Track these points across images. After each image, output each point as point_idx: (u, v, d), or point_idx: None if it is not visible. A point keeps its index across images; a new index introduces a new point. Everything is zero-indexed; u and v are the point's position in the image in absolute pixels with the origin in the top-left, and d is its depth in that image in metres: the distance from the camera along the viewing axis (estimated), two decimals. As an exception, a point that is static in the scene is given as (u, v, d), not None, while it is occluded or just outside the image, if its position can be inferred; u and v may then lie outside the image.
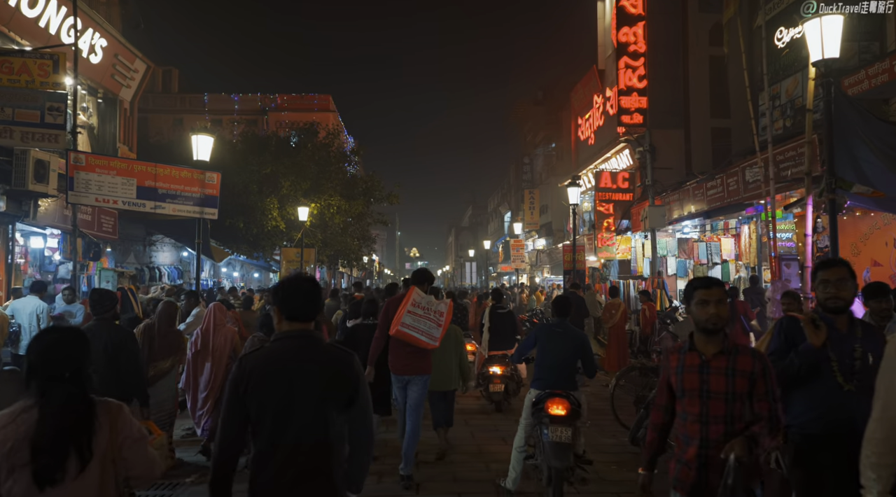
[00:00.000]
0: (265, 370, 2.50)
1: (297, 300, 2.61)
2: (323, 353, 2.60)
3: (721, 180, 15.71)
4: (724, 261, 17.63)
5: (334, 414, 2.53)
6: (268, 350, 2.59)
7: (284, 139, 25.08)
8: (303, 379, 2.49)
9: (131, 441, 2.37)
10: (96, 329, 4.89)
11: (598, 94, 28.34)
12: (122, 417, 2.38)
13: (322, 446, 2.49)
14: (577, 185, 16.92)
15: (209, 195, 11.06)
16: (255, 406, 2.47)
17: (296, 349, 2.56)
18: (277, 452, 2.45)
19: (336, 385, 2.55)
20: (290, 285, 2.67)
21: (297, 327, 2.60)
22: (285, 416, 2.46)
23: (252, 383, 2.47)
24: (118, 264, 18.83)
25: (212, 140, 10.98)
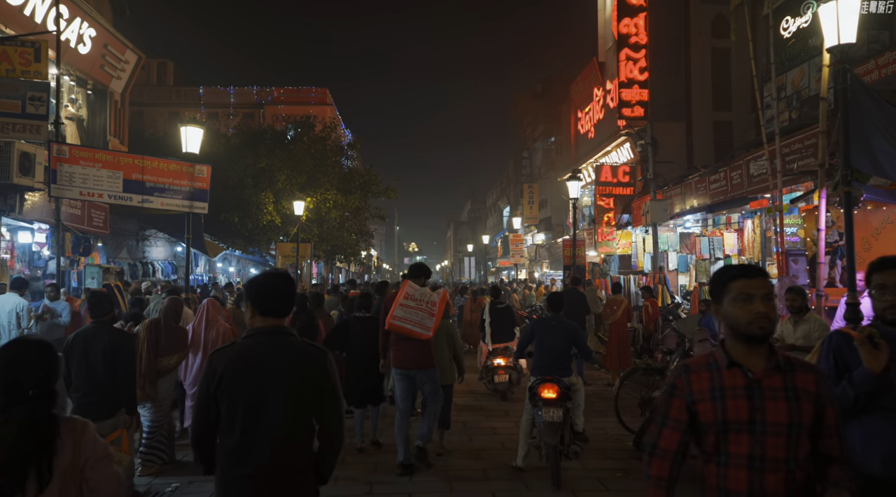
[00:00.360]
0: (236, 367, 2.51)
1: (272, 296, 2.62)
2: (294, 349, 2.60)
3: (724, 174, 15.38)
4: (726, 256, 17.33)
5: (305, 410, 2.56)
6: (239, 346, 2.59)
7: (280, 132, 24.73)
8: (273, 376, 2.50)
9: (95, 460, 2.28)
10: (95, 332, 4.86)
11: (599, 87, 27.97)
12: (86, 436, 2.29)
13: (292, 442, 2.52)
14: (577, 179, 16.60)
15: (199, 189, 10.73)
16: (226, 403, 2.49)
17: (267, 345, 2.56)
18: (248, 448, 2.46)
19: (307, 382, 2.56)
20: (264, 281, 2.69)
21: (270, 323, 2.61)
22: (256, 412, 2.47)
23: (223, 380, 2.49)
24: (110, 260, 18.50)
25: (202, 132, 10.64)
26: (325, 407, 2.62)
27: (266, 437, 2.48)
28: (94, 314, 5.02)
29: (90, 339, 4.85)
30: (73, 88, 15.26)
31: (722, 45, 22.85)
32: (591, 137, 29.48)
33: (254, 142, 23.43)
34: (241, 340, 2.64)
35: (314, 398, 2.58)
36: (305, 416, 2.58)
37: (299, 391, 2.54)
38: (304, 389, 2.56)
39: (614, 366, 10.05)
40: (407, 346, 5.86)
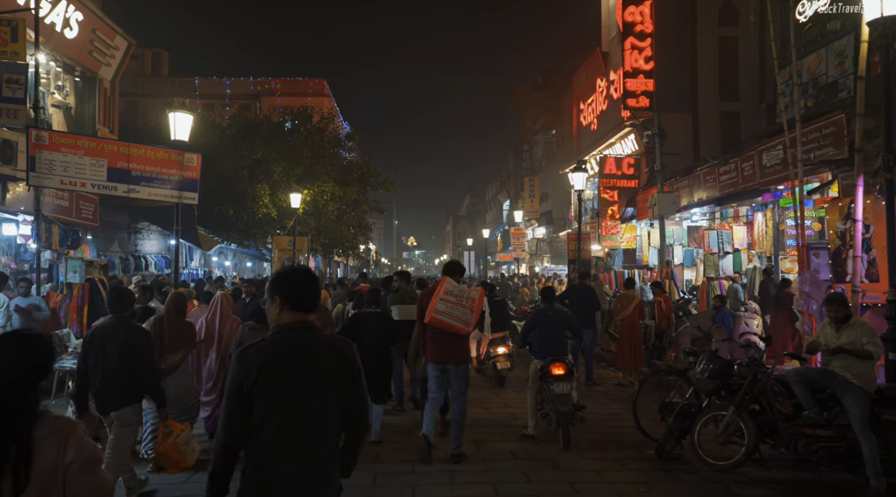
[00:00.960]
0: (273, 362, 2.46)
1: (301, 290, 2.61)
2: (324, 342, 2.60)
3: (735, 165, 14.85)
4: (735, 250, 16.84)
5: (338, 403, 2.55)
6: (270, 342, 2.53)
7: (277, 123, 24.15)
8: (309, 371, 2.49)
9: (80, 464, 2.13)
10: (113, 327, 4.85)
11: (602, 78, 27.42)
12: (73, 438, 2.14)
13: (328, 435, 2.51)
14: (582, 170, 16.08)
15: (188, 178, 10.19)
16: (262, 400, 2.43)
17: (299, 340, 2.54)
18: (284, 445, 2.43)
19: (339, 374, 2.56)
20: (293, 275, 2.67)
21: (299, 318, 2.59)
22: (293, 408, 2.44)
23: (259, 376, 2.43)
24: (100, 253, 17.97)
25: (191, 118, 10.11)
26: (354, 398, 2.61)
27: (305, 433, 2.47)
28: (114, 309, 4.97)
29: (108, 334, 4.82)
30: (60, 75, 14.69)
31: (729, 33, 22.35)
32: (594, 129, 28.95)
33: (250, 133, 22.87)
34: (270, 336, 2.57)
35: (345, 392, 2.58)
36: (338, 409, 2.57)
37: (333, 384, 2.54)
38: (337, 382, 2.56)
39: (626, 364, 9.56)
40: (443, 341, 5.97)
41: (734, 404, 5.14)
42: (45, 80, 14.34)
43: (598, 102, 28.28)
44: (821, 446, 5.00)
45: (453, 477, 5.63)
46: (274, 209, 21.46)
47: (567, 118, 35.70)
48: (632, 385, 9.73)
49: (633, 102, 21.83)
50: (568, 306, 10.19)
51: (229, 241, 22.19)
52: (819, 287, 8.86)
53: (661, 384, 6.70)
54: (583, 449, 6.35)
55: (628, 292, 9.80)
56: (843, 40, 11.60)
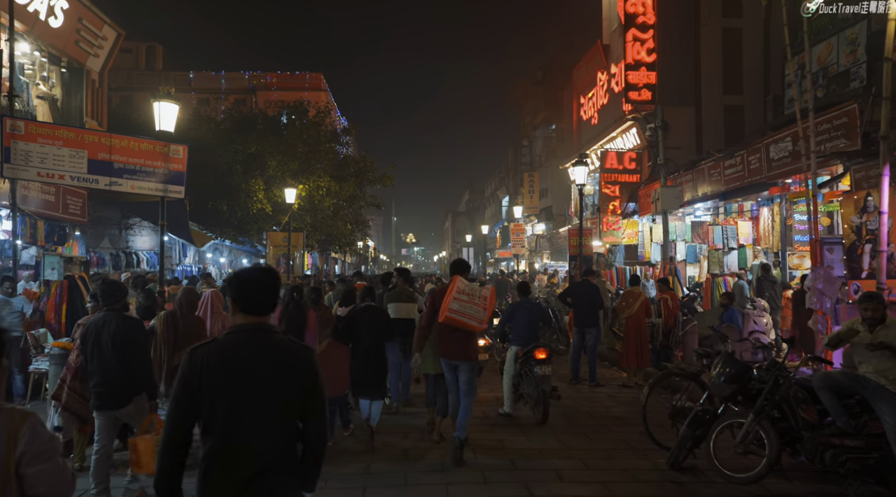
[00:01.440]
0: (218, 365, 2.39)
1: (251, 293, 2.51)
2: (279, 347, 2.48)
3: (741, 158, 14.43)
4: (740, 245, 16.46)
5: (290, 410, 2.43)
6: (221, 343, 2.46)
7: (272, 118, 23.70)
8: (257, 374, 2.40)
9: (33, 455, 2.05)
10: (105, 320, 4.85)
11: (603, 71, 26.97)
12: (25, 428, 2.07)
13: (276, 444, 2.39)
14: (583, 164, 15.66)
15: (174, 171, 9.76)
16: (207, 402, 2.36)
17: (251, 343, 2.45)
18: (230, 451, 2.34)
19: (292, 381, 2.44)
20: (244, 277, 2.59)
21: (252, 320, 2.50)
22: (238, 413, 2.35)
23: (203, 376, 2.37)
24: (89, 250, 17.55)
25: (177, 109, 9.66)
26: (310, 407, 2.48)
27: (250, 440, 2.36)
28: (105, 302, 4.99)
29: (101, 327, 4.83)
30: (46, 65, 14.23)
31: (733, 24, 21.90)
32: (595, 124, 28.50)
33: (244, 127, 22.43)
34: (223, 337, 2.48)
35: (299, 398, 2.45)
36: (290, 417, 2.45)
37: (285, 391, 2.42)
38: (290, 389, 2.43)
39: (631, 364, 9.14)
40: (454, 338, 6.07)
41: (754, 411, 4.73)
42: (31, 72, 13.90)
43: (598, 96, 27.83)
44: (849, 458, 4.59)
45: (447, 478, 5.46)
46: (268, 204, 21.02)
47: (567, 113, 35.24)
48: (637, 386, 9.33)
49: (634, 95, 21.35)
50: (571, 304, 9.81)
51: (223, 238, 21.74)
52: (833, 284, 8.46)
53: (671, 387, 6.28)
54: (589, 458, 5.94)
55: (634, 289, 9.37)
56: (856, 27, 11.19)
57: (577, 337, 9.49)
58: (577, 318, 9.45)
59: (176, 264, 22.71)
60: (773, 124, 15.43)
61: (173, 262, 22.49)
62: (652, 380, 6.01)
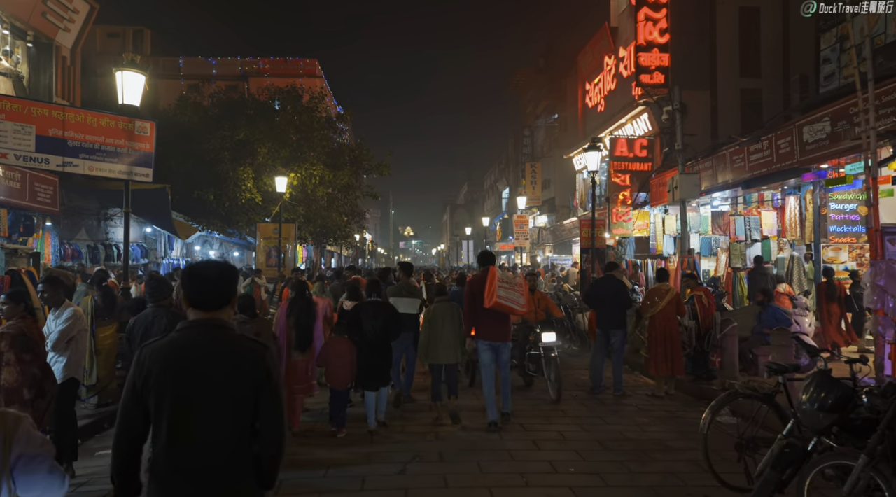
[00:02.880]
0: (165, 362, 2.32)
1: (201, 287, 2.44)
2: (230, 344, 2.41)
3: (769, 142, 13.27)
4: (764, 237, 15.30)
5: (241, 409, 2.35)
6: (170, 340, 2.38)
7: (263, 103, 22.44)
8: (204, 372, 2.33)
9: (27, 459, 2.01)
10: (155, 316, 4.85)
11: (610, 55, 25.76)
12: (18, 432, 2.03)
13: (227, 444, 2.32)
14: (595, 149, 14.48)
15: (140, 150, 8.57)
16: (154, 401, 2.30)
17: (201, 339, 2.39)
18: (178, 451, 2.28)
19: (243, 379, 2.36)
20: (193, 271, 2.51)
21: (203, 316, 2.42)
22: (185, 411, 2.30)
23: (150, 375, 2.31)
24: (63, 242, 16.35)
25: (143, 79, 8.45)
26: (264, 406, 2.37)
27: (198, 439, 2.28)
28: (153, 298, 4.99)
29: (150, 323, 4.81)
30: (8, 39, 12.97)
31: (750, 3, 20.69)
32: (601, 111, 27.31)
33: (233, 112, 21.18)
34: (174, 333, 2.39)
35: (251, 397, 2.35)
36: (242, 417, 2.34)
37: (234, 389, 2.34)
38: (240, 387, 2.34)
39: (661, 371, 7.95)
40: (495, 322, 6.72)
41: (867, 452, 3.56)
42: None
43: (605, 82, 26.63)
44: None
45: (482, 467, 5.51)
46: (258, 194, 19.82)
47: (571, 101, 34.04)
48: (668, 396, 8.17)
49: (646, 79, 20.20)
50: (593, 303, 8.65)
51: (210, 229, 20.53)
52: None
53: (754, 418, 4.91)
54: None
55: (662, 285, 8.16)
56: (908, -8, 9.96)
57: (600, 340, 8.33)
58: (601, 319, 8.28)
59: (161, 257, 21.51)
60: (807, 104, 14.23)
61: (158, 254, 21.30)
62: (715, 402, 4.81)
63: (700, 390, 8.18)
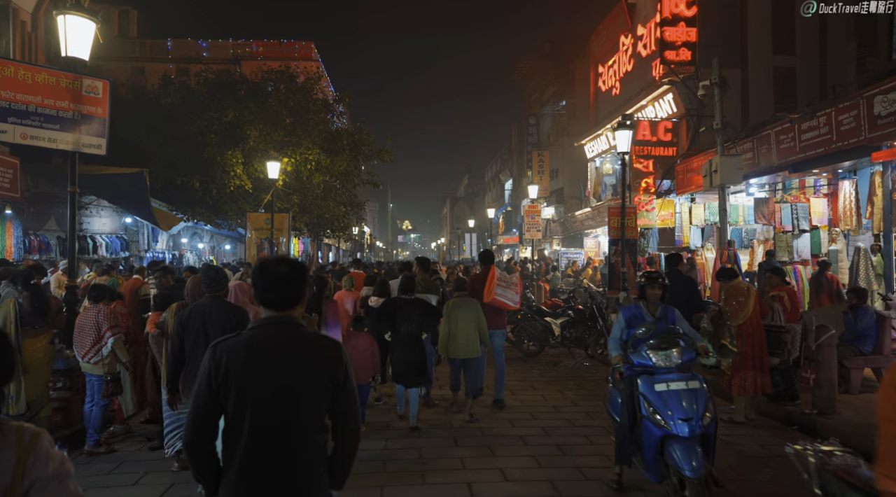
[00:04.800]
0: (246, 360, 2.29)
1: (273, 286, 2.38)
2: (307, 341, 2.40)
3: (828, 118, 11.65)
4: (813, 227, 13.68)
5: (318, 406, 2.34)
6: (245, 337, 2.35)
7: (256, 84, 20.69)
8: (283, 371, 2.31)
9: (44, 482, 1.74)
10: (212, 307, 4.77)
11: (627, 34, 24.08)
12: (35, 452, 1.75)
13: (306, 441, 2.30)
14: (627, 128, 12.83)
15: (91, 115, 6.91)
16: (234, 400, 2.26)
17: (277, 337, 2.36)
18: (254, 449, 2.25)
19: (319, 377, 2.33)
20: (262, 270, 2.43)
21: (275, 314, 2.38)
22: (266, 408, 2.27)
23: (229, 372, 2.27)
24: (28, 231, 14.68)
25: (93, 26, 6.77)
26: (340, 404, 2.37)
27: (278, 438, 2.27)
28: (210, 289, 4.91)
29: (207, 313, 4.73)
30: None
31: (785, -28, 19.06)
32: (616, 94, 25.65)
33: (222, 93, 19.45)
34: (248, 330, 2.37)
35: (329, 394, 2.35)
36: (319, 413, 2.34)
37: (311, 386, 2.32)
38: (317, 384, 2.33)
39: (746, 391, 6.26)
40: (491, 314, 7.40)
41: None
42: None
43: (621, 63, 24.95)
44: None
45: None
46: (248, 181, 18.13)
47: (580, 86, 32.35)
48: (748, 420, 6.54)
49: (671, 55, 18.52)
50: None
51: (195, 219, 18.84)
52: None
53: None
54: None
55: (739, 284, 6.47)
56: None
57: None
58: (663, 325, 6.64)
59: (144, 250, 19.83)
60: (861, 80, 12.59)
61: (141, 247, 19.63)
62: None
63: (788, 415, 6.55)
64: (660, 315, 4.78)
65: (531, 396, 7.99)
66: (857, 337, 7.28)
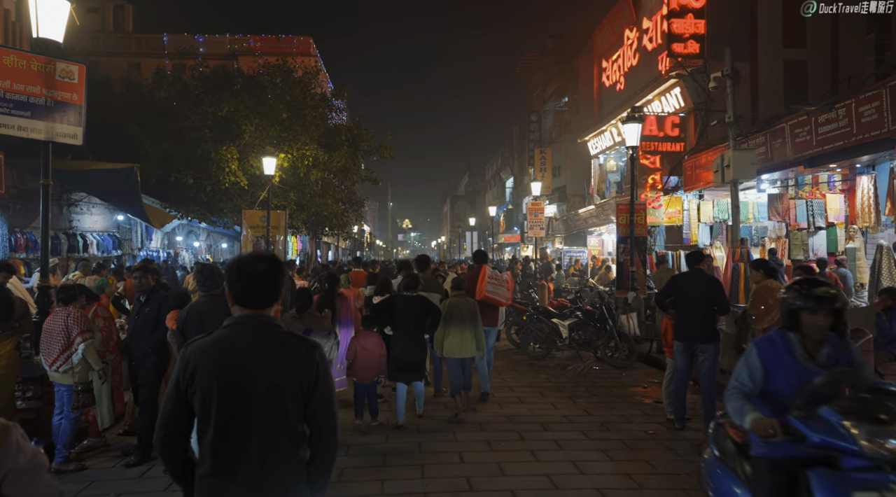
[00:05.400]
0: (211, 360, 2.21)
1: (248, 284, 2.28)
2: (279, 342, 2.28)
3: (847, 109, 11.13)
4: (829, 224, 13.18)
5: (290, 410, 2.23)
6: (214, 336, 2.27)
7: (252, 78, 20.17)
8: (254, 370, 2.21)
9: (17, 475, 1.75)
10: (209, 305, 4.67)
11: (632, 28, 23.57)
12: (7, 444, 1.76)
13: (276, 446, 2.20)
14: (636, 120, 12.33)
15: (65, 102, 6.40)
16: (200, 400, 2.20)
17: (248, 337, 2.26)
18: (224, 452, 2.18)
19: (292, 378, 2.23)
20: (238, 265, 2.33)
21: (249, 313, 2.29)
22: (232, 412, 2.19)
23: (195, 374, 2.20)
24: (14, 229, 14.16)
25: (67, 6, 6.26)
26: (315, 408, 2.26)
27: (244, 440, 2.17)
28: (205, 288, 4.82)
29: (205, 312, 4.63)
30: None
31: (796, -37, 18.54)
32: (621, 89, 25.13)
33: (216, 87, 18.93)
34: (220, 329, 2.28)
35: (300, 398, 2.24)
36: (290, 418, 2.23)
37: (282, 389, 2.21)
38: (288, 387, 2.22)
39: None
40: (487, 312, 7.80)
41: None
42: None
43: (626, 57, 24.44)
44: None
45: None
46: (244, 177, 17.61)
47: (583, 82, 31.83)
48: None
49: (679, 48, 18.01)
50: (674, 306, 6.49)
51: (189, 217, 18.33)
52: None
53: None
54: None
55: (770, 283, 5.95)
56: None
57: (681, 356, 6.16)
58: (685, 329, 6.08)
59: (138, 249, 19.32)
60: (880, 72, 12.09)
61: (134, 245, 19.12)
62: None
63: (820, 425, 6.04)
64: (828, 360, 3.01)
65: (541, 406, 7.46)
66: (892, 340, 6.78)
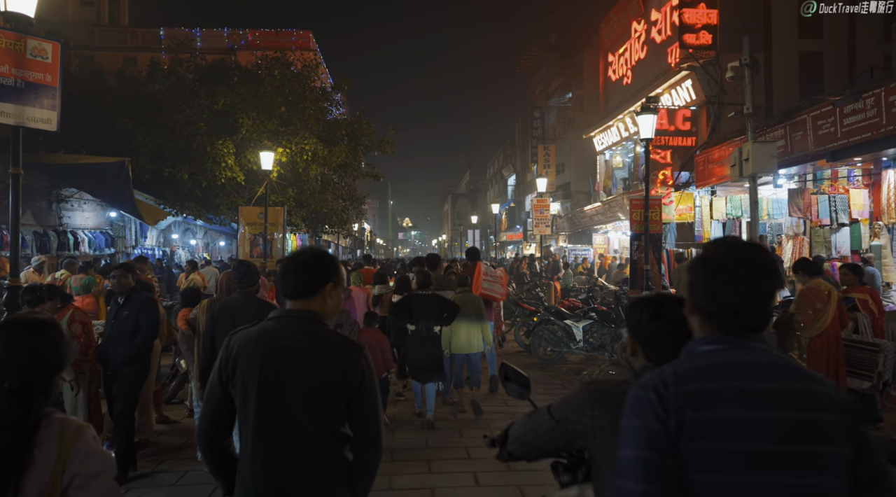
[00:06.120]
0: (254, 351, 2.15)
1: (290, 273, 2.25)
2: (323, 340, 2.19)
3: (876, 99, 10.57)
4: (853, 220, 12.59)
5: (331, 410, 2.14)
6: (258, 328, 2.22)
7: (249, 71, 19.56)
8: (294, 366, 2.13)
9: (85, 478, 1.66)
10: (243, 302, 4.71)
11: (640, 20, 23.00)
12: (78, 445, 1.68)
13: (313, 447, 2.11)
14: (651, 111, 11.74)
15: (38, 83, 5.81)
16: (240, 391, 2.13)
17: (291, 331, 2.18)
18: (260, 452, 2.10)
19: (335, 379, 2.13)
20: (288, 258, 2.35)
21: (294, 307, 2.24)
22: (271, 406, 2.11)
23: (237, 365, 2.14)
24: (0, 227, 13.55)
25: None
26: (358, 411, 2.15)
27: (283, 436, 2.10)
28: (241, 285, 4.81)
29: (237, 309, 4.64)
30: None
31: (811, -49, 17.93)
32: (628, 83, 24.55)
33: (212, 79, 18.33)
34: (264, 321, 2.23)
35: (342, 399, 2.14)
36: (332, 418, 2.14)
37: (324, 387, 2.12)
38: (330, 386, 2.12)
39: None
40: None
41: None
42: None
43: (633, 50, 23.86)
44: None
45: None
46: (241, 173, 17.02)
47: (588, 78, 31.23)
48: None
49: (691, 39, 17.42)
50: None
51: (184, 213, 17.73)
52: None
53: None
54: None
55: (818, 284, 5.32)
56: None
57: None
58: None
59: (132, 246, 18.75)
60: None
61: (128, 243, 18.54)
62: None
63: (871, 440, 5.47)
64: None
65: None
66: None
